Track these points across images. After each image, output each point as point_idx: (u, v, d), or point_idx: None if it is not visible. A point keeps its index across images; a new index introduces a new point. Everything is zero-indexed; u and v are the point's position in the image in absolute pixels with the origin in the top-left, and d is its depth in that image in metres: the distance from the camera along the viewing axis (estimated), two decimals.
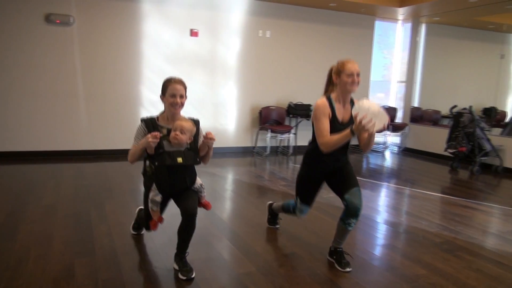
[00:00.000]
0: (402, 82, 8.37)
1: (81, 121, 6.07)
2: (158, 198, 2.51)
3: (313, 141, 2.71)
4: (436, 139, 7.24)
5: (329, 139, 2.53)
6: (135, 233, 3.14)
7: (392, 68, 8.60)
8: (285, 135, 7.17)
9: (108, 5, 5.97)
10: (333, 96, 2.64)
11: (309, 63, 7.37)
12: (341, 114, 2.64)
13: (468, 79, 8.53)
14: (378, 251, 3.04)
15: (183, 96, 2.50)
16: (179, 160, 2.40)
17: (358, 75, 2.58)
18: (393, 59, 8.52)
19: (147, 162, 2.53)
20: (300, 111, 7.06)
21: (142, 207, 3.01)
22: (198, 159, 2.50)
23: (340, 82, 2.58)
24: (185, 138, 2.39)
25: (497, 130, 7.25)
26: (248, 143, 7.15)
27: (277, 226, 3.41)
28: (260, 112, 6.99)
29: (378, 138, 7.63)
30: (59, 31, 5.78)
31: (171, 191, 2.52)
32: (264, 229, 3.37)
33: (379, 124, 2.36)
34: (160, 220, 2.60)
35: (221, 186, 4.88)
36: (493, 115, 7.52)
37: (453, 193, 4.86)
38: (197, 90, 6.53)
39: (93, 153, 6.15)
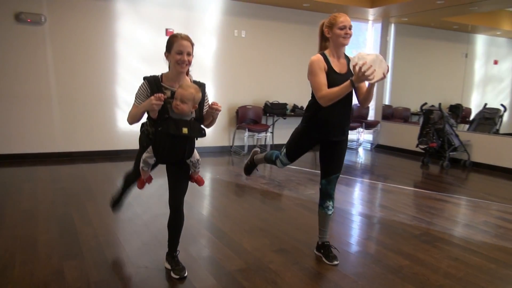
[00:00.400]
0: None
1: (54, 122, 5.92)
2: (151, 161, 2.40)
3: (313, 97, 2.67)
4: (406, 136, 7.50)
5: (327, 92, 2.48)
6: (113, 210, 3.09)
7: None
8: (262, 134, 7.25)
9: (81, 4, 5.84)
10: (327, 52, 2.62)
11: (284, 63, 7.47)
12: (337, 67, 2.60)
13: (435, 78, 8.89)
14: (361, 244, 3.15)
15: (190, 54, 2.31)
16: (185, 130, 2.24)
17: (350, 28, 2.54)
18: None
19: (148, 122, 2.41)
20: (277, 110, 7.15)
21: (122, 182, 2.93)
22: (203, 131, 2.35)
23: (333, 35, 2.55)
24: (187, 108, 2.23)
25: (463, 126, 7.60)
26: (225, 143, 7.18)
27: (249, 177, 3.36)
28: (237, 112, 7.03)
29: (352, 135, 7.82)
30: (30, 30, 5.61)
31: (167, 159, 2.40)
32: (250, 227, 3.42)
33: (379, 71, 2.35)
34: (149, 180, 2.53)
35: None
36: (459, 112, 7.86)
37: (426, 187, 5.07)
38: None
39: (68, 155, 6.01)
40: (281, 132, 7.52)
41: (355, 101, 2.75)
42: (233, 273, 2.55)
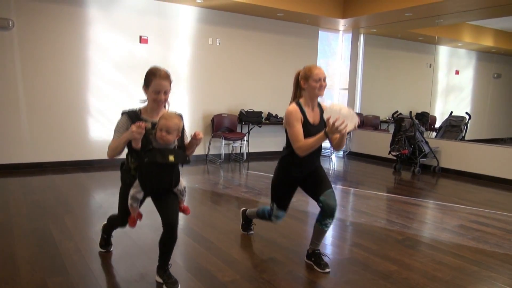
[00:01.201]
0: (344, 89, 8.81)
1: (22, 131, 5.67)
2: (140, 195, 2.41)
3: (288, 146, 2.79)
4: (377, 143, 7.71)
5: (304, 143, 2.61)
6: (104, 250, 2.97)
7: (334, 77, 9.01)
8: (238, 142, 7.23)
9: (51, 9, 5.65)
10: (301, 101, 2.75)
11: (258, 71, 7.51)
12: (311, 117, 2.74)
13: (402, 87, 9.20)
14: (349, 250, 3.19)
15: (167, 92, 2.35)
16: (171, 158, 2.28)
17: (324, 79, 2.71)
18: (335, 67, 8.95)
19: (129, 157, 2.42)
20: (252, 118, 7.17)
21: (106, 223, 2.89)
22: (187, 158, 2.41)
23: (308, 87, 2.70)
24: (172, 138, 2.29)
25: (429, 134, 7.91)
26: (200, 151, 7.11)
27: (251, 232, 3.45)
28: (212, 120, 6.99)
29: (324, 143, 7.95)
30: None
31: (155, 190, 2.43)
32: (236, 236, 3.39)
33: (350, 124, 2.50)
34: (139, 216, 2.51)
35: None
36: (425, 120, 8.16)
37: (401, 193, 5.22)
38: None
39: (38, 166, 5.76)
40: (256, 140, 7.55)
41: None
42: (227, 285, 2.52)
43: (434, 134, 7.94)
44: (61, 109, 5.88)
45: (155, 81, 2.30)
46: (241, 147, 7.38)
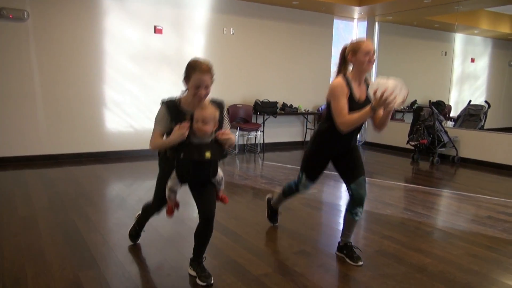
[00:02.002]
0: None
1: (39, 123, 5.64)
2: (178, 187, 2.37)
3: (327, 120, 2.66)
4: (392, 133, 7.59)
5: (348, 118, 2.48)
6: (132, 243, 2.93)
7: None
8: (253, 133, 7.17)
9: (65, 0, 5.59)
10: (349, 75, 2.62)
11: (273, 61, 7.41)
12: (357, 93, 2.60)
13: (417, 75, 9.06)
14: (379, 243, 3.13)
15: (208, 87, 2.25)
16: (207, 155, 2.20)
17: (373, 54, 2.54)
18: None
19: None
20: (267, 108, 7.09)
21: (140, 213, 2.86)
22: (225, 152, 2.31)
23: (356, 61, 2.56)
24: (209, 129, 2.20)
25: (444, 123, 7.78)
26: None
27: (276, 224, 3.40)
28: (228, 110, 6.93)
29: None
30: (12, 26, 5.32)
31: (193, 182, 2.36)
32: (262, 228, 3.35)
33: (399, 97, 2.34)
34: (177, 206, 2.48)
35: None
36: (440, 109, 8.03)
37: (423, 183, 5.13)
38: (163, 89, 6.32)
39: (54, 158, 5.74)
40: (272, 131, 7.49)
41: None
42: (261, 278, 2.47)
43: (449, 123, 7.82)
44: (77, 100, 5.84)
45: (195, 75, 2.21)
46: (256, 137, 7.31)
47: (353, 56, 2.57)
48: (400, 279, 2.51)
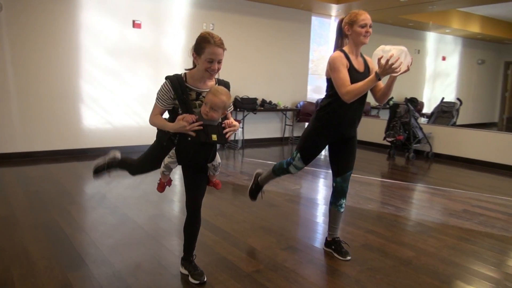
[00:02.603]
0: None
1: (13, 120, 5.45)
2: (174, 166, 2.32)
3: (328, 97, 2.64)
4: (368, 129, 7.75)
5: (352, 87, 2.46)
6: (96, 174, 2.88)
7: (324, 63, 8.98)
8: None
9: None
10: (346, 49, 2.61)
11: (252, 56, 7.42)
12: (356, 65, 2.59)
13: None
14: (364, 237, 3.21)
15: (221, 61, 2.14)
16: (214, 137, 2.12)
17: (370, 26, 2.52)
18: (325, 54, 8.92)
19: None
20: (247, 104, 7.10)
21: (120, 159, 2.81)
22: (227, 138, 2.22)
23: (353, 33, 2.54)
24: (217, 116, 2.14)
25: (418, 120, 8.00)
26: None
27: (255, 201, 3.31)
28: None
29: None
30: None
31: (191, 163, 2.30)
32: (250, 225, 3.37)
33: (404, 64, 2.33)
34: (169, 183, 2.46)
35: None
36: (414, 105, 8.25)
37: (401, 178, 5.28)
38: (141, 84, 6.22)
39: (30, 155, 5.57)
40: (251, 127, 7.51)
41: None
42: (253, 275, 2.50)
43: (423, 119, 8.05)
44: (53, 96, 5.68)
45: (209, 48, 2.08)
46: (235, 134, 7.31)
47: (349, 28, 2.55)
48: (387, 273, 2.59)
